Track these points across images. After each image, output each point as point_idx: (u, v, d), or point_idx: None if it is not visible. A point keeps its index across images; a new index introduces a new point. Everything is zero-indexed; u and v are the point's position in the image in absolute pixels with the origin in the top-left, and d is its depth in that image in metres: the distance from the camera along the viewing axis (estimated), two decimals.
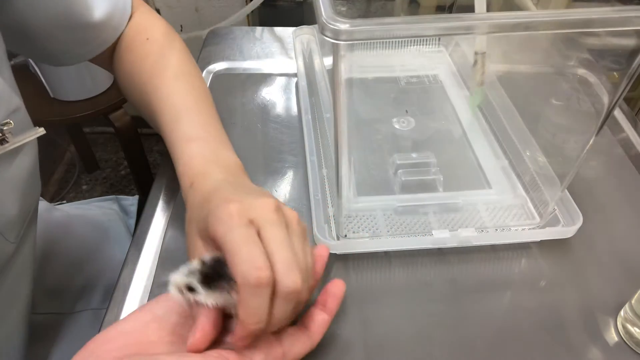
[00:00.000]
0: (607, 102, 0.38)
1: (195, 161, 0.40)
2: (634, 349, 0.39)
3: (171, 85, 0.45)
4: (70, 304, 0.55)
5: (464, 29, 0.31)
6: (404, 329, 0.41)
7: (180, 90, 0.45)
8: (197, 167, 0.40)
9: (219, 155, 0.42)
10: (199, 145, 0.42)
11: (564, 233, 0.46)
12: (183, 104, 0.44)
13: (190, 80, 0.47)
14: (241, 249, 0.30)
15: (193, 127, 0.43)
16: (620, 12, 0.30)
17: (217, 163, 0.40)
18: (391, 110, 0.59)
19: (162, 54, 0.47)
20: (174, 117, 0.43)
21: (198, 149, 0.41)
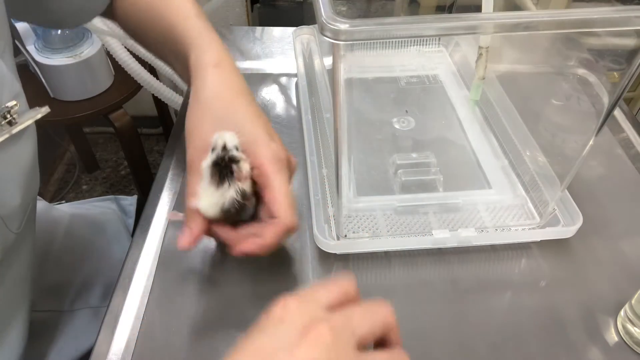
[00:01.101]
0: (607, 102, 0.38)
1: (221, 48, 0.43)
2: (634, 349, 0.39)
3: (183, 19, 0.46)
4: (69, 302, 0.55)
5: (464, 29, 0.31)
6: (404, 328, 0.41)
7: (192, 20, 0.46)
8: (225, 53, 0.43)
9: (220, 53, 0.43)
10: (212, 39, 0.44)
11: (564, 233, 0.46)
12: (194, 14, 0.46)
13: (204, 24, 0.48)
14: (288, 197, 0.37)
15: (203, 29, 0.45)
16: (620, 12, 0.30)
17: (217, 59, 0.42)
18: (391, 110, 0.59)
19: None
20: (184, 16, 0.45)
21: (212, 40, 0.43)
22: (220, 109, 0.40)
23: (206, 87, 0.41)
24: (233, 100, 0.41)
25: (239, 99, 0.41)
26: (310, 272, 0.44)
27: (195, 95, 0.41)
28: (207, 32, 0.44)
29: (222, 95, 0.41)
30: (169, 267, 0.45)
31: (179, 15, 0.45)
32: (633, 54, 0.34)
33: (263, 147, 0.39)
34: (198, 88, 0.41)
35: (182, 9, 0.45)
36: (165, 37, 0.46)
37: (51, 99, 1.09)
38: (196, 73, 0.42)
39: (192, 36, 0.43)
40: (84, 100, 1.09)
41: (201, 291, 0.43)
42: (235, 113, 0.40)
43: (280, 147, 0.40)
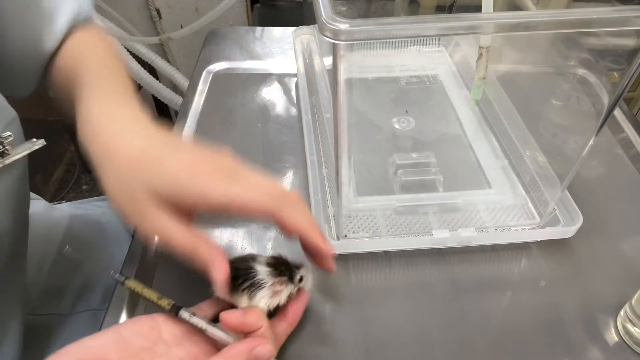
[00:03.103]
0: (607, 102, 0.38)
1: (105, 104, 0.38)
2: (634, 349, 0.39)
3: (105, 65, 0.43)
4: (70, 305, 0.55)
5: (464, 29, 0.31)
6: (404, 329, 0.41)
7: (100, 69, 0.43)
8: (101, 119, 0.37)
9: (131, 110, 0.40)
10: (115, 96, 0.40)
11: (564, 233, 0.46)
12: (105, 72, 0.42)
13: (110, 64, 0.44)
14: (254, 196, 0.33)
15: (112, 84, 0.41)
16: (620, 12, 0.30)
17: (131, 118, 0.38)
18: (391, 110, 0.59)
19: (97, 45, 0.46)
20: (87, 82, 0.40)
21: (114, 97, 0.39)
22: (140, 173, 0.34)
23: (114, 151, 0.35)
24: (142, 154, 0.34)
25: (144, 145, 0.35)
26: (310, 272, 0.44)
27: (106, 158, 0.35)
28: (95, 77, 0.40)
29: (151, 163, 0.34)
30: (167, 266, 0.45)
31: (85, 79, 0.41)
32: (633, 54, 0.34)
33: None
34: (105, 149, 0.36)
35: (90, 80, 0.41)
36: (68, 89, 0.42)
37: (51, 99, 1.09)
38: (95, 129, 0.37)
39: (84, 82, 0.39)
40: None
41: (201, 291, 0.43)
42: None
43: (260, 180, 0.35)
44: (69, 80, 0.42)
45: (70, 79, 0.42)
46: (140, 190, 0.33)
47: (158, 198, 0.33)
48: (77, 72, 0.41)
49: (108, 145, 0.35)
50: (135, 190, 0.33)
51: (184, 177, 0.33)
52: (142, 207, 0.33)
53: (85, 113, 0.37)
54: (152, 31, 1.34)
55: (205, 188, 0.32)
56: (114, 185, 0.34)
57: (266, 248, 0.46)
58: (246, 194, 0.33)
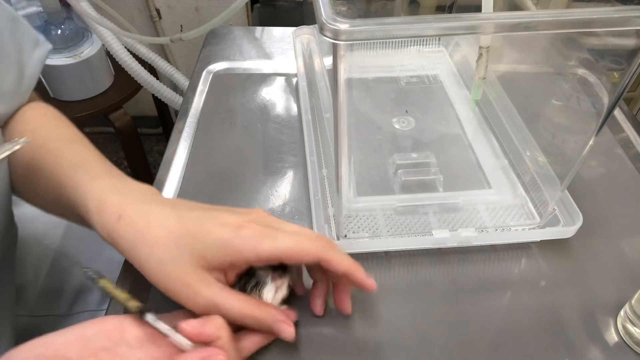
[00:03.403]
0: (607, 102, 0.38)
1: (112, 191, 0.37)
2: (634, 349, 0.39)
3: (68, 147, 0.42)
4: (68, 306, 0.55)
5: (464, 29, 0.31)
6: (404, 329, 0.41)
7: (77, 149, 0.42)
8: (119, 196, 0.36)
9: (133, 184, 0.39)
10: (107, 180, 0.38)
11: (564, 233, 0.46)
12: (81, 158, 0.41)
13: (85, 143, 0.44)
14: (300, 242, 0.35)
15: (95, 169, 0.40)
16: (620, 12, 0.30)
17: (141, 195, 0.37)
18: (391, 110, 0.59)
19: (53, 126, 0.45)
20: (73, 164, 0.40)
21: (111, 181, 0.38)
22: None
23: (125, 239, 0.35)
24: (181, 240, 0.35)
25: (188, 228, 0.35)
26: None
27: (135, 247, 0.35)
28: (97, 180, 0.38)
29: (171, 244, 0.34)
30: None
31: (64, 170, 0.39)
32: (633, 54, 0.34)
33: (240, 245, 0.34)
34: (113, 233, 0.35)
35: (67, 162, 0.40)
36: (55, 195, 0.41)
37: (51, 99, 1.09)
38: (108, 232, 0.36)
39: (83, 193, 0.37)
40: (84, 100, 1.10)
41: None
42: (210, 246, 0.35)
43: (246, 214, 0.37)
44: (37, 169, 0.41)
45: (41, 168, 0.41)
46: (188, 264, 0.34)
47: (206, 269, 0.34)
48: (52, 163, 0.40)
49: (141, 229, 0.35)
50: (183, 266, 0.34)
51: (233, 239, 0.34)
52: (193, 281, 0.34)
53: (97, 204, 0.36)
54: (152, 31, 1.34)
55: (256, 245, 0.34)
56: (158, 266, 0.34)
57: None
58: (293, 244, 0.35)
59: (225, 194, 0.51)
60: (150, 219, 0.35)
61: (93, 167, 0.40)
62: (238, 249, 0.34)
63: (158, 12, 1.30)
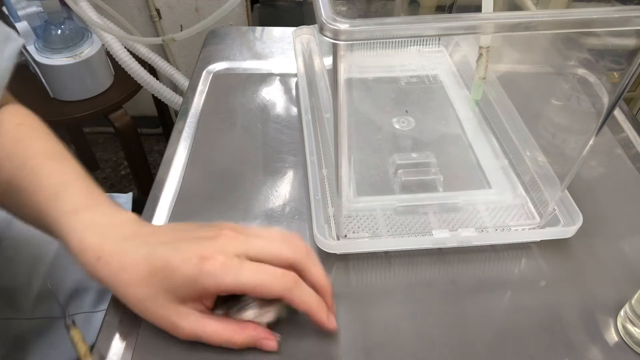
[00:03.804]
0: (607, 102, 0.38)
1: (91, 229, 0.37)
2: (634, 349, 0.39)
3: (47, 168, 0.41)
4: (62, 308, 0.53)
5: (464, 29, 0.31)
6: (404, 329, 0.41)
7: (57, 170, 0.42)
8: (98, 236, 0.37)
9: (113, 216, 0.39)
10: (87, 214, 0.38)
11: (564, 233, 0.46)
12: (60, 181, 0.40)
13: (63, 158, 0.43)
14: (263, 279, 0.35)
15: (76, 198, 0.39)
16: (620, 12, 0.30)
17: (119, 231, 0.38)
18: (391, 110, 0.59)
19: (31, 138, 0.44)
20: (53, 193, 0.39)
21: (88, 217, 0.38)
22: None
23: (106, 278, 0.36)
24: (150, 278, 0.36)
25: (158, 262, 0.35)
26: None
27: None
28: (79, 208, 0.38)
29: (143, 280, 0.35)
30: None
31: (44, 195, 0.39)
32: (633, 54, 0.34)
33: (206, 276, 0.35)
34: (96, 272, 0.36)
35: (48, 187, 0.39)
36: (35, 219, 0.41)
37: (51, 99, 1.09)
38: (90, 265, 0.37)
39: (65, 221, 0.38)
40: (84, 100, 1.09)
41: None
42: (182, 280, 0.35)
43: (215, 241, 0.36)
44: (17, 191, 0.41)
45: (21, 190, 0.40)
46: (163, 301, 0.35)
47: (181, 302, 0.35)
48: (32, 187, 0.40)
49: (117, 271, 0.36)
50: (158, 302, 0.35)
51: (196, 276, 0.34)
52: (170, 315, 0.36)
53: (78, 244, 0.37)
54: (152, 31, 1.34)
55: (218, 281, 0.34)
56: (137, 303, 0.36)
57: None
58: (255, 281, 0.35)
59: (225, 194, 0.51)
60: (125, 260, 0.36)
61: (73, 195, 0.39)
62: (201, 285, 0.34)
63: (158, 12, 1.30)
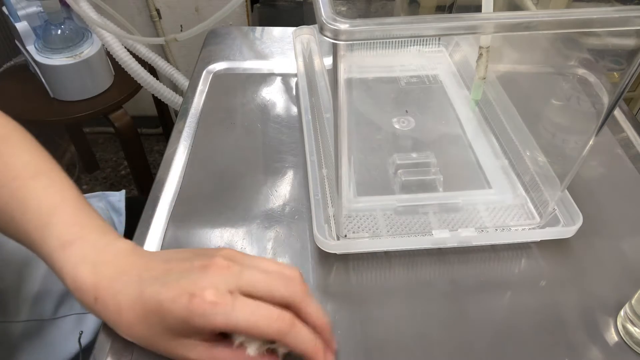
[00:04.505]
0: (607, 102, 0.38)
1: (83, 270, 0.36)
2: (634, 349, 0.39)
3: (34, 189, 0.39)
4: (53, 309, 0.53)
5: (464, 29, 0.31)
6: (404, 329, 0.41)
7: (44, 192, 0.40)
8: (93, 274, 0.36)
9: (105, 249, 0.38)
10: (78, 247, 0.37)
11: (564, 233, 0.46)
12: (48, 206, 0.39)
13: (50, 176, 0.41)
14: (257, 321, 0.33)
15: (65, 228, 0.38)
16: (620, 12, 0.30)
17: (109, 261, 0.37)
18: (391, 110, 0.59)
19: (12, 154, 0.42)
20: (41, 223, 0.38)
21: (80, 251, 0.37)
22: None
23: (106, 318, 0.36)
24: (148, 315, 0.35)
25: (152, 301, 0.34)
26: (310, 272, 0.45)
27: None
28: (67, 238, 0.37)
29: (142, 320, 0.35)
30: None
31: (31, 223, 0.38)
32: (633, 54, 0.34)
33: (197, 315, 0.33)
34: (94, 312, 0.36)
35: (34, 214, 0.38)
36: (22, 242, 0.40)
37: (51, 99, 1.09)
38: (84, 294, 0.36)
39: (56, 265, 0.37)
40: (84, 100, 1.10)
41: None
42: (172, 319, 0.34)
43: (204, 277, 0.34)
44: (2, 214, 0.39)
45: (7, 213, 0.39)
46: (167, 337, 0.35)
47: (184, 336, 0.34)
48: (19, 213, 0.38)
49: (114, 313, 0.35)
50: (163, 339, 0.35)
51: (188, 318, 0.33)
52: (177, 348, 0.35)
53: (72, 282, 0.36)
54: (152, 31, 1.34)
55: (210, 321, 0.33)
56: (142, 341, 0.36)
57: (266, 248, 0.46)
58: (246, 323, 0.33)
59: (225, 194, 0.51)
60: (120, 300, 0.35)
61: (63, 225, 0.38)
62: (193, 325, 0.33)
63: (158, 12, 1.30)
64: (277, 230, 0.48)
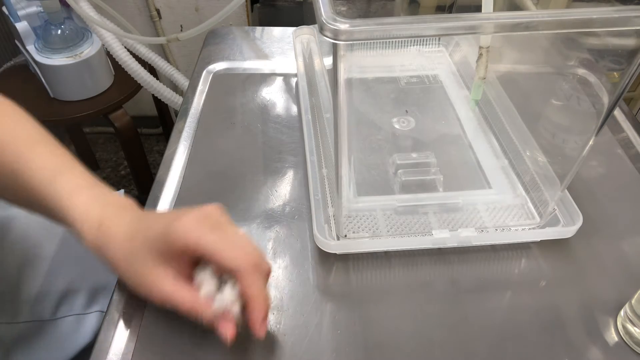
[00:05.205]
0: (607, 102, 0.38)
1: (93, 203, 0.39)
2: (634, 349, 0.39)
3: (38, 152, 0.42)
4: (52, 310, 0.53)
5: (464, 29, 0.31)
6: (404, 329, 0.41)
7: (48, 154, 0.42)
8: (99, 207, 0.39)
9: (111, 193, 0.41)
10: (89, 191, 0.40)
11: (564, 233, 0.46)
12: (53, 165, 0.41)
13: (53, 144, 0.43)
14: (225, 246, 0.35)
15: (74, 180, 0.40)
16: (620, 12, 0.30)
17: (117, 203, 0.40)
18: (391, 110, 0.59)
19: (16, 125, 0.44)
20: (48, 178, 0.40)
21: (91, 192, 0.40)
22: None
23: (104, 244, 0.38)
24: (136, 235, 0.38)
25: (143, 224, 0.38)
26: (310, 272, 0.45)
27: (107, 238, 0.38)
28: (75, 188, 0.40)
29: (131, 238, 0.38)
30: None
31: (38, 179, 0.40)
32: (633, 54, 0.34)
33: (179, 230, 0.36)
34: (95, 240, 0.38)
35: (40, 174, 0.40)
36: (30, 203, 0.42)
37: (51, 99, 1.09)
38: (86, 234, 0.38)
39: (63, 204, 0.39)
40: (84, 100, 1.09)
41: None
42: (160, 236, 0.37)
43: (201, 211, 0.37)
44: (8, 175, 0.41)
45: (12, 174, 0.41)
46: (144, 256, 0.37)
47: (163, 261, 0.36)
48: (25, 171, 0.40)
49: (115, 234, 0.38)
50: (139, 255, 0.37)
51: (165, 231, 0.36)
52: (148, 272, 0.37)
53: (81, 218, 0.39)
54: (152, 31, 1.34)
55: (184, 236, 0.35)
56: (126, 264, 0.38)
57: (266, 248, 0.46)
58: (214, 246, 0.35)
59: (225, 194, 0.51)
60: (120, 223, 0.38)
61: (70, 177, 0.40)
62: (171, 239, 0.36)
63: (158, 12, 1.30)
64: (277, 230, 0.48)
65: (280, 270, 0.45)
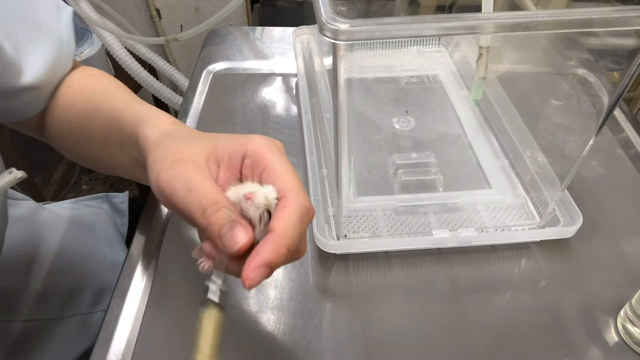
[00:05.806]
0: (607, 102, 0.38)
1: (169, 118, 0.39)
2: (634, 349, 0.39)
3: (121, 92, 0.44)
4: (58, 309, 0.53)
5: (464, 29, 0.31)
6: (404, 329, 0.41)
7: (129, 93, 0.44)
8: (171, 127, 0.38)
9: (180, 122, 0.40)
10: (166, 117, 0.39)
11: (564, 233, 0.46)
12: (136, 99, 0.43)
13: (131, 91, 0.45)
14: (287, 168, 0.32)
15: (150, 109, 0.41)
16: (620, 12, 0.30)
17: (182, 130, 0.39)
18: (391, 110, 0.59)
19: (100, 79, 0.46)
20: (128, 101, 0.42)
21: (168, 119, 0.39)
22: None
23: (169, 134, 0.37)
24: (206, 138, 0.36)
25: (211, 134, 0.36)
26: (310, 272, 0.45)
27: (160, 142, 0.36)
28: (152, 109, 0.40)
29: (198, 137, 0.36)
30: (169, 267, 0.45)
31: (120, 104, 0.41)
32: (633, 54, 0.34)
33: (260, 143, 0.33)
34: (160, 136, 0.36)
35: (123, 99, 0.42)
36: (110, 128, 0.42)
37: None
38: (150, 134, 0.37)
39: (138, 115, 0.39)
40: None
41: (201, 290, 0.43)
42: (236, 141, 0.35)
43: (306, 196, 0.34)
44: (94, 112, 0.43)
45: (98, 111, 0.42)
46: (203, 146, 0.34)
47: (212, 161, 0.33)
48: (124, 118, 0.41)
49: (163, 150, 0.35)
50: (199, 148, 0.34)
51: (253, 136, 0.33)
52: (185, 196, 0.32)
53: (161, 122, 0.38)
54: (152, 31, 1.34)
55: (270, 150, 0.33)
56: (169, 175, 0.33)
57: None
58: (287, 174, 0.32)
59: None
60: (172, 146, 0.34)
61: (150, 108, 0.41)
62: (242, 140, 0.33)
63: (158, 12, 1.30)
64: None
65: (280, 270, 0.45)
